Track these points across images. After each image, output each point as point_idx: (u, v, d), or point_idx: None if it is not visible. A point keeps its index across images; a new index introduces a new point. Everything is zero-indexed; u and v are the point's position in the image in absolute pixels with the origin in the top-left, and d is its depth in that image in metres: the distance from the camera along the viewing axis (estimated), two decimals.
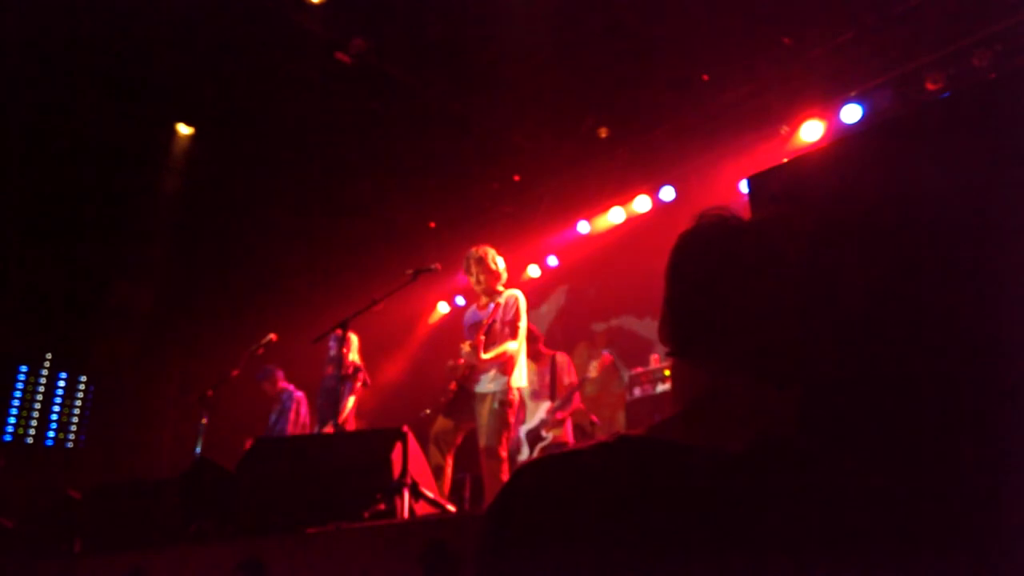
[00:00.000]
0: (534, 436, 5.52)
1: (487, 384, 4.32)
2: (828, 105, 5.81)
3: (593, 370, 5.59)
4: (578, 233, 7.60)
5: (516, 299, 4.48)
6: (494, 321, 4.42)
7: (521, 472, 0.88)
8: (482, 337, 4.35)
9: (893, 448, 1.08)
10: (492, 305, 4.47)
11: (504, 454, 4.20)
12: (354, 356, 5.66)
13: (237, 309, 7.73)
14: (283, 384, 6.27)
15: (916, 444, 1.06)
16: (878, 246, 1.18)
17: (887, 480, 0.85)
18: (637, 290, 7.30)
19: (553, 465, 0.88)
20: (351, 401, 5.55)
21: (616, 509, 0.79)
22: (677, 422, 0.90)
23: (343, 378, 5.33)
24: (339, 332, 4.37)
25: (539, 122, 6.78)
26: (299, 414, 6.07)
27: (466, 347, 4.36)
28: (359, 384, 5.60)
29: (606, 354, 5.77)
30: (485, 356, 4.30)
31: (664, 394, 5.63)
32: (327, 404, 5.41)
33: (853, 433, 1.14)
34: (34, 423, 7.52)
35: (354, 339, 5.63)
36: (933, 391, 1.07)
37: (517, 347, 4.39)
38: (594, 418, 6.24)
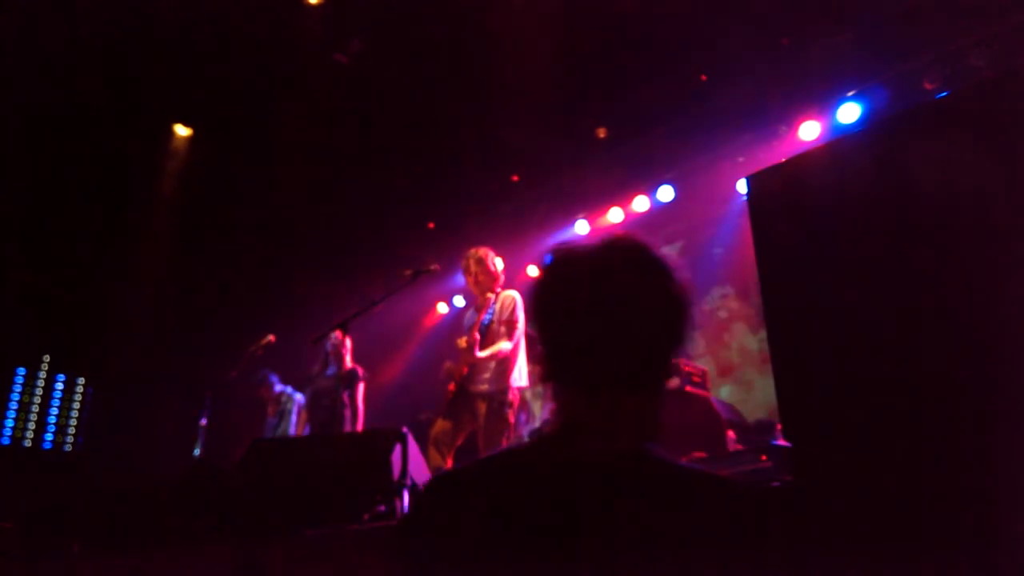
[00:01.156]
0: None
1: (487, 384, 4.31)
2: (826, 105, 5.81)
3: None
4: (577, 233, 7.59)
5: (513, 299, 4.48)
6: (491, 320, 4.41)
7: (427, 486, 1.00)
8: (477, 335, 4.34)
9: (894, 448, 1.07)
10: (489, 305, 4.48)
11: None
12: (348, 360, 5.63)
13: (237, 309, 7.72)
14: (280, 387, 6.26)
15: (916, 444, 1.06)
16: (875, 244, 1.17)
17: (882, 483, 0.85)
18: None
19: (446, 480, 1.01)
20: (361, 405, 5.51)
21: (480, 519, 0.89)
22: (555, 437, 1.00)
23: (342, 379, 5.33)
24: (338, 333, 4.35)
25: (539, 122, 6.78)
26: (301, 416, 6.06)
27: (461, 343, 4.36)
28: (361, 385, 5.57)
29: None
30: (481, 354, 4.30)
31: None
32: (327, 405, 5.40)
33: (853, 433, 1.13)
34: (32, 426, 7.49)
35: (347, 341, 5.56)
36: (933, 391, 1.07)
37: (513, 346, 4.38)
38: None
